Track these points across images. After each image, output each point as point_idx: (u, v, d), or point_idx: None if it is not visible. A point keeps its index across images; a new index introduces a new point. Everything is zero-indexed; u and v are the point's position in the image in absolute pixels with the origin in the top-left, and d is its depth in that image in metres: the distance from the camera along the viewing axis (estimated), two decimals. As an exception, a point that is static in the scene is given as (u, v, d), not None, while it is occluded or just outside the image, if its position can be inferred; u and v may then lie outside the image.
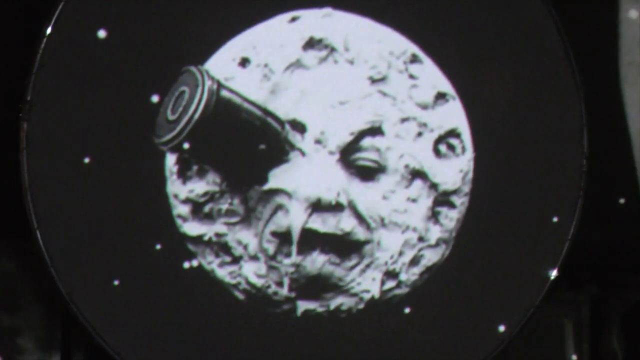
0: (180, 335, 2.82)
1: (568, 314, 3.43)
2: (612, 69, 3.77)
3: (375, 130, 3.06)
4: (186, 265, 2.93)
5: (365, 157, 3.06)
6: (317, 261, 2.99)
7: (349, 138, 3.04)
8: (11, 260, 3.08)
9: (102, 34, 2.72)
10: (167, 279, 2.87)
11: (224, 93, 2.98)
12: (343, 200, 3.01)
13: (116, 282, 2.73)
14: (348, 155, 3.03)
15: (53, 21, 2.58)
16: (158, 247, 2.78)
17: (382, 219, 3.05)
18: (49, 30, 2.58)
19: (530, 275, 2.95)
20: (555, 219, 2.94)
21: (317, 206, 2.97)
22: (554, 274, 2.87)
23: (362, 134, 3.06)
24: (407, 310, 2.99)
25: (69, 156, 2.72)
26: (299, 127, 3.03)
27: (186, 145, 2.94)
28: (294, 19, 2.98)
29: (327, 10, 2.96)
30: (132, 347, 2.67)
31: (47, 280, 2.65)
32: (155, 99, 2.85)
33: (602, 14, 3.76)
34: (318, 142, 3.01)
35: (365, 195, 3.03)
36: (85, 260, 2.69)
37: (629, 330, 3.65)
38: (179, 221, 2.96)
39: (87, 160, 2.71)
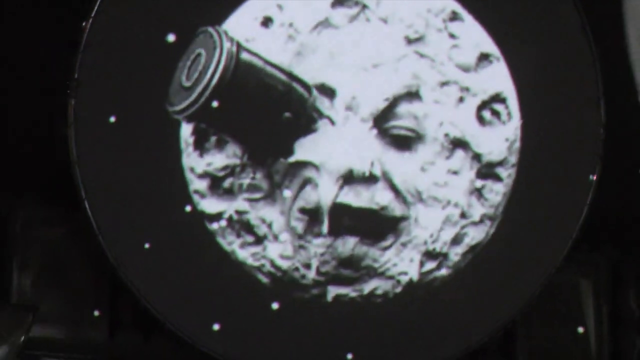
0: (210, 305, 2.61)
1: (587, 274, 3.22)
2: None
3: (412, 95, 2.71)
4: (214, 226, 2.65)
5: (401, 125, 2.71)
6: (349, 242, 2.65)
7: (383, 104, 2.69)
8: (60, 228, 2.96)
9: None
10: (195, 243, 2.57)
11: (245, 56, 2.63)
12: (377, 171, 2.66)
13: (147, 245, 2.52)
14: (382, 122, 2.68)
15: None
16: (188, 209, 2.50)
17: (420, 193, 2.70)
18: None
19: (558, 236, 2.71)
20: (592, 177, 2.64)
21: (349, 178, 2.62)
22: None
23: (398, 100, 2.70)
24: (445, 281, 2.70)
25: (103, 120, 2.50)
26: (328, 92, 2.68)
27: (204, 113, 2.60)
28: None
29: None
30: (174, 308, 2.51)
31: (94, 246, 2.55)
32: (171, 37, 2.53)
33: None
34: (349, 108, 2.65)
35: (402, 166, 2.68)
36: (125, 226, 2.55)
37: (646, 290, 3.51)
38: (196, 197, 2.62)
39: (112, 119, 2.43)
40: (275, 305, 2.51)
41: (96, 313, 2.91)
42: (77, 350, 2.94)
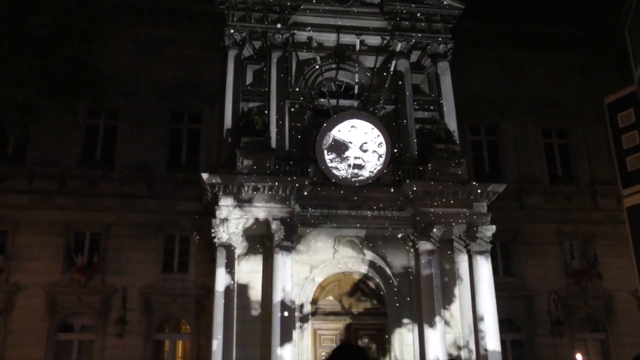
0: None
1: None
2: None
3: (364, 145, 18.70)
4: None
5: (365, 147, 18.65)
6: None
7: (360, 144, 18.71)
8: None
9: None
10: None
11: (336, 136, 18.62)
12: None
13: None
14: (360, 146, 18.66)
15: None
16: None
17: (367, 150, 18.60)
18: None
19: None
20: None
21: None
22: None
23: (363, 145, 18.70)
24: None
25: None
26: (349, 143, 18.66)
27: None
28: (353, 126, 18.71)
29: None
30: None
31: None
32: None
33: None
34: (351, 143, 18.69)
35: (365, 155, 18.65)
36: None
37: None
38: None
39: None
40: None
41: None
42: None
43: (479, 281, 18.53)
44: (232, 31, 20.95)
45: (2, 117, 22.03)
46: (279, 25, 21.07)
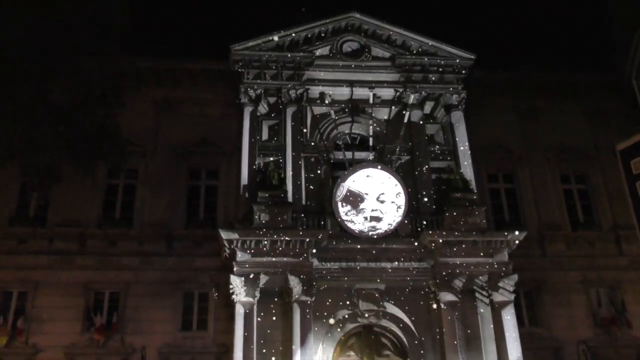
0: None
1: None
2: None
3: (381, 196, 18.51)
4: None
5: (382, 197, 18.61)
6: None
7: (377, 195, 18.67)
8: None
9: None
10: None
11: (351, 187, 18.57)
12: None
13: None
14: (378, 197, 18.59)
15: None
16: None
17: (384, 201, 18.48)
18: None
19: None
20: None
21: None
22: None
23: (379, 195, 18.64)
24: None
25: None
26: (364, 193, 18.62)
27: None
28: (368, 176, 18.66)
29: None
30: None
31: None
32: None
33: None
34: (366, 194, 18.60)
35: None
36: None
37: None
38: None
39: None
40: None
41: None
42: None
43: (503, 332, 17.97)
44: (247, 88, 21.36)
45: (26, 181, 22.71)
46: (293, 82, 21.42)
